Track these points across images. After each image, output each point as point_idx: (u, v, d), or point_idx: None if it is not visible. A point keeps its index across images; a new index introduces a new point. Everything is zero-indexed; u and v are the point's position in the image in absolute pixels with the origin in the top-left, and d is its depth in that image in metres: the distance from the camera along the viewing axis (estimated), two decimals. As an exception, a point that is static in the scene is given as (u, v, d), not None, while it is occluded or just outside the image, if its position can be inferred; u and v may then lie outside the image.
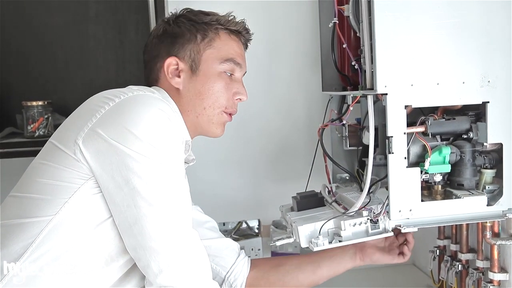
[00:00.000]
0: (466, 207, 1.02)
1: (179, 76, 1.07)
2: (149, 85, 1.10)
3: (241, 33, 1.13)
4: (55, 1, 1.56)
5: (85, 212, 0.88)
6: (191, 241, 0.91)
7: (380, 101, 1.00)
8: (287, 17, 1.58)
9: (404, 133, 0.97)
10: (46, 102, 1.47)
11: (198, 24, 1.08)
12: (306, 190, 1.28)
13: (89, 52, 1.58)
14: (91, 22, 1.57)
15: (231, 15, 1.12)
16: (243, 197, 1.61)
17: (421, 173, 1.00)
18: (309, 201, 1.21)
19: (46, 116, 1.47)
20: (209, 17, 1.09)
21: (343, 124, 1.30)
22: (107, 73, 1.60)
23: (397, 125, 0.97)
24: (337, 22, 1.17)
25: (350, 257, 1.23)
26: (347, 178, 1.39)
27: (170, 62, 1.07)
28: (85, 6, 1.57)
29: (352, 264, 1.23)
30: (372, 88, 1.00)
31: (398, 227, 1.02)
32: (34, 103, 1.45)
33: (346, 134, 1.34)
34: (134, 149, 0.86)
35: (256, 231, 1.61)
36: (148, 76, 1.12)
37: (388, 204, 1.00)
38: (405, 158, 0.98)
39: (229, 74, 1.10)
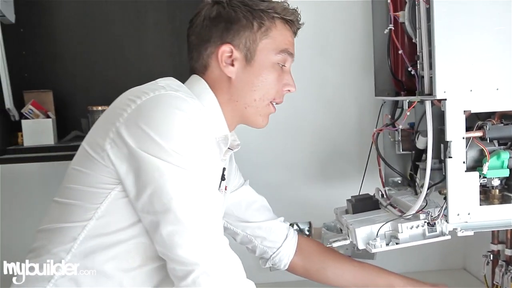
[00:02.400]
0: (524, 212, 1.02)
1: (232, 65, 1.02)
2: (195, 70, 1.06)
3: (294, 22, 1.08)
4: (116, 11, 1.65)
5: (117, 216, 0.90)
6: (219, 250, 0.89)
7: (434, 106, 1.01)
8: (339, 20, 1.59)
9: (463, 138, 0.98)
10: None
11: (254, 11, 1.02)
12: (360, 193, 1.30)
13: (149, 58, 1.66)
14: (150, 30, 1.65)
15: (285, 2, 1.08)
16: (294, 199, 1.63)
17: (479, 177, 1.01)
18: (364, 204, 1.23)
19: (109, 120, 1.54)
20: (265, 4, 1.03)
21: (397, 129, 1.32)
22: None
23: (456, 130, 0.98)
24: (393, 28, 1.19)
25: None
26: (399, 181, 1.40)
27: (225, 50, 1.01)
28: (144, 15, 1.64)
29: None
30: (430, 94, 1.01)
31: (455, 230, 1.03)
32: (100, 108, 1.53)
33: (399, 138, 1.35)
34: (156, 155, 0.85)
35: (307, 233, 1.63)
36: (196, 61, 1.05)
37: (446, 208, 1.01)
38: (464, 162, 0.99)
39: (281, 65, 1.06)
